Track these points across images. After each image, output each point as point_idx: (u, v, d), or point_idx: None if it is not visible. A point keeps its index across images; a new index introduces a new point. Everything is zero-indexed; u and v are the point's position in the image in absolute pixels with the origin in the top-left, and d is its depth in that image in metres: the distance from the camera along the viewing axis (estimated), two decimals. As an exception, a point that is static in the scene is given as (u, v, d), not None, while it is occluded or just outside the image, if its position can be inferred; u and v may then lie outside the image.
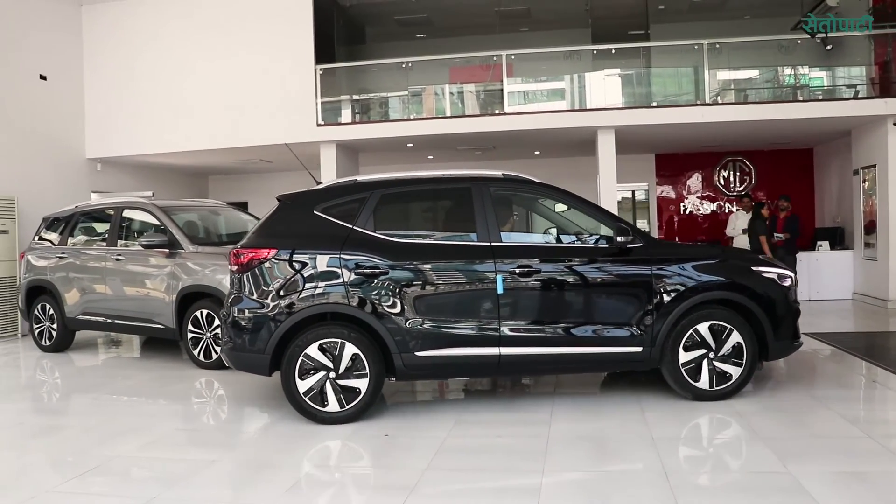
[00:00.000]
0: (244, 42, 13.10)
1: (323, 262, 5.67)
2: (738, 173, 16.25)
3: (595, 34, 14.37)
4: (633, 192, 17.44)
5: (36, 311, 9.90)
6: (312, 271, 5.66)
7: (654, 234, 16.48)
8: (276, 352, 5.61)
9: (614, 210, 12.51)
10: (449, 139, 13.22)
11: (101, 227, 9.70)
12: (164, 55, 13.51)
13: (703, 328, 5.84)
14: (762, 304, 5.93)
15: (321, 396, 5.55)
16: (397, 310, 5.61)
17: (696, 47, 12.44)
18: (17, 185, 11.91)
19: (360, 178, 6.27)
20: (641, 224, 17.44)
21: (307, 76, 12.83)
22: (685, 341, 5.83)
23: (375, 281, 5.63)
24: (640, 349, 5.79)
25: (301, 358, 5.53)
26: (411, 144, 13.73)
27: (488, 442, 5.15)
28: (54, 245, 9.87)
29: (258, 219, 10.22)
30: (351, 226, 5.80)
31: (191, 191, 17.25)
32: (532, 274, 5.73)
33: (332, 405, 5.56)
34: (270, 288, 5.68)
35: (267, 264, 5.72)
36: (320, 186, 6.23)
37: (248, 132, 13.05)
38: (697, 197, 16.50)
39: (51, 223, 10.18)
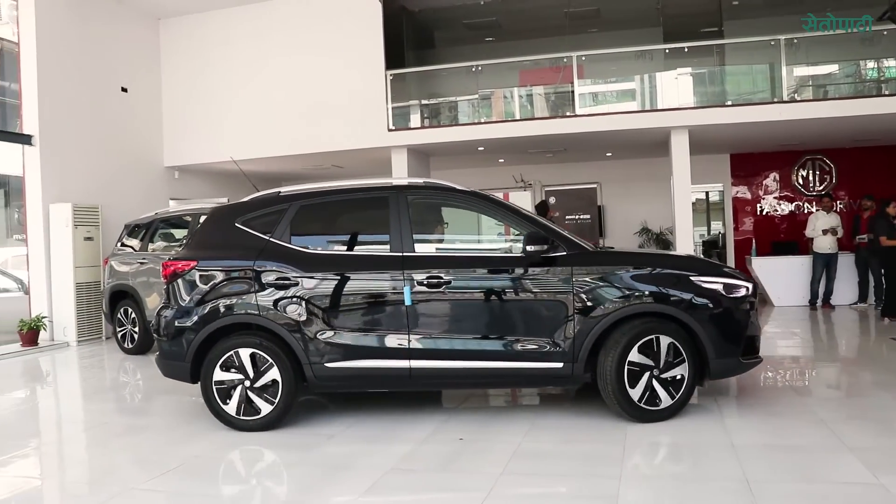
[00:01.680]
0: (315, 50, 13.30)
1: (238, 273, 5.77)
2: (817, 172, 15.76)
3: (667, 33, 14.12)
4: (707, 193, 17.10)
5: (119, 315, 10.23)
6: (228, 282, 5.76)
7: (730, 234, 16.13)
8: (195, 360, 5.71)
9: (688, 212, 12.29)
10: (519, 142, 13.17)
11: (179, 233, 9.97)
12: (236, 65, 13.82)
13: (644, 342, 5.41)
14: (699, 317, 5.44)
15: (245, 406, 5.65)
16: (308, 320, 5.60)
17: (772, 43, 12.11)
18: (101, 194, 12.34)
19: (284, 189, 6.21)
20: (716, 226, 17.10)
21: (378, 82, 12.95)
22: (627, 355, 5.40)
23: (286, 291, 5.65)
24: (560, 365, 5.44)
25: (216, 367, 5.65)
26: (482, 148, 13.73)
27: (564, 447, 5.10)
28: (135, 251, 10.20)
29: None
30: (268, 237, 5.85)
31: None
32: (441, 285, 5.53)
33: (244, 413, 5.64)
34: (191, 299, 5.80)
35: (188, 276, 5.84)
36: (244, 199, 6.25)
37: (320, 138, 13.24)
38: (775, 197, 16.05)
39: (132, 230, 10.52)
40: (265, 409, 5.64)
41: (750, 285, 5.73)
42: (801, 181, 15.87)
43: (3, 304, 12.17)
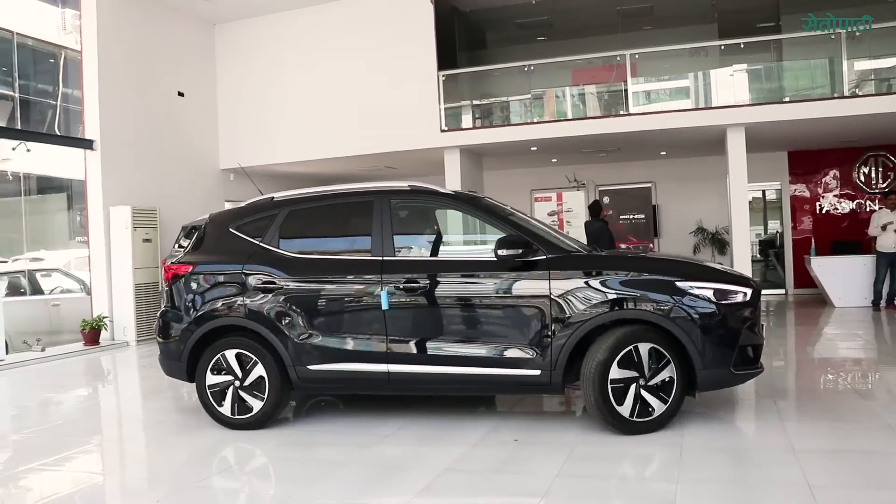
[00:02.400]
0: (368, 52, 13.40)
1: (229, 277, 5.98)
2: (880, 169, 15.31)
3: (722, 29, 13.88)
4: (764, 191, 16.76)
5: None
6: (220, 286, 5.99)
7: (787, 234, 15.79)
8: (190, 360, 5.93)
9: (745, 211, 12.06)
10: (572, 142, 13.08)
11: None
12: (290, 68, 13.99)
13: (629, 350, 5.18)
14: (683, 324, 5.13)
15: (237, 405, 5.83)
16: (291, 323, 5.72)
17: (832, 37, 11.82)
18: (159, 197, 12.60)
19: (277, 195, 6.34)
20: (773, 225, 16.76)
21: (430, 83, 12.98)
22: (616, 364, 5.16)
23: (272, 295, 5.77)
24: (538, 372, 5.29)
25: (208, 367, 5.87)
26: (535, 148, 13.67)
27: (620, 449, 5.03)
28: (193, 252, 10.37)
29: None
30: (258, 242, 6.01)
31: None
32: (418, 289, 5.51)
33: (238, 412, 5.82)
34: (187, 301, 6.04)
35: (185, 279, 6.09)
36: (240, 205, 6.51)
37: (373, 140, 13.33)
38: (835, 195, 15.66)
39: (188, 231, 10.65)
40: (256, 406, 5.79)
41: (749, 291, 5.36)
42: (862, 178, 15.45)
43: (67, 305, 12.50)
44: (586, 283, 5.25)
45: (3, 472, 5.35)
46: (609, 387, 5.15)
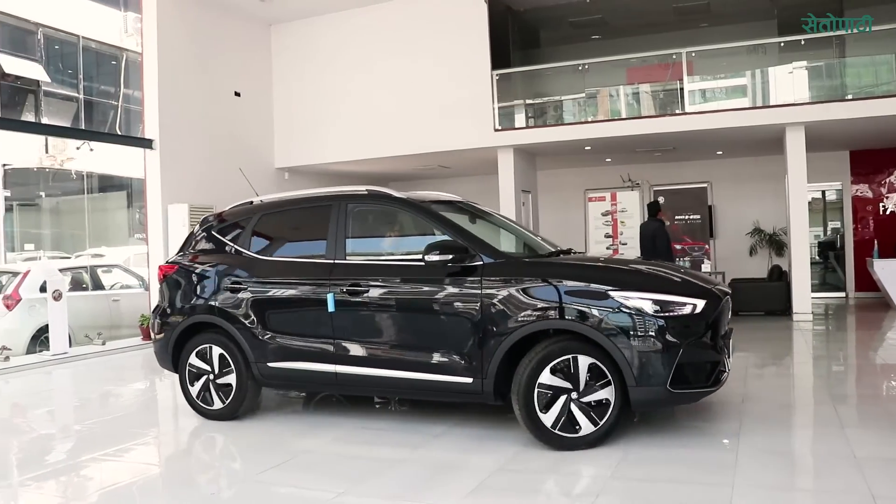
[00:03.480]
0: (422, 51, 13.44)
1: (206, 277, 6.36)
2: (947, 169, 14.85)
3: (781, 25, 13.59)
4: (824, 192, 16.38)
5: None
6: (198, 286, 6.38)
7: (849, 236, 15.40)
8: (174, 353, 6.40)
9: (804, 212, 11.79)
10: (626, 141, 12.95)
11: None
12: (345, 68, 14.10)
13: (558, 363, 4.97)
14: (614, 336, 4.85)
15: (209, 396, 6.24)
16: (254, 322, 6.00)
17: (899, 32, 11.47)
18: (215, 195, 12.80)
19: (257, 199, 6.70)
20: (834, 225, 16.37)
21: (484, 82, 12.98)
22: (541, 378, 4.98)
23: (238, 295, 6.10)
24: (470, 380, 5.21)
25: (188, 361, 6.29)
26: (589, 147, 13.57)
27: (673, 452, 4.97)
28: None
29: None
30: (233, 244, 6.40)
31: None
32: (360, 293, 5.62)
33: (216, 404, 6.19)
34: (173, 298, 6.49)
35: (171, 278, 6.55)
36: (226, 210, 6.82)
37: (427, 139, 13.38)
38: (899, 196, 15.22)
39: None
40: (224, 399, 6.18)
41: (698, 303, 4.99)
42: (928, 179, 14.99)
43: (126, 300, 12.78)
44: (518, 290, 5.12)
45: (66, 461, 5.54)
46: (535, 391, 4.97)
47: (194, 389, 6.30)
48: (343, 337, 5.69)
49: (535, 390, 4.97)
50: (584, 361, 4.94)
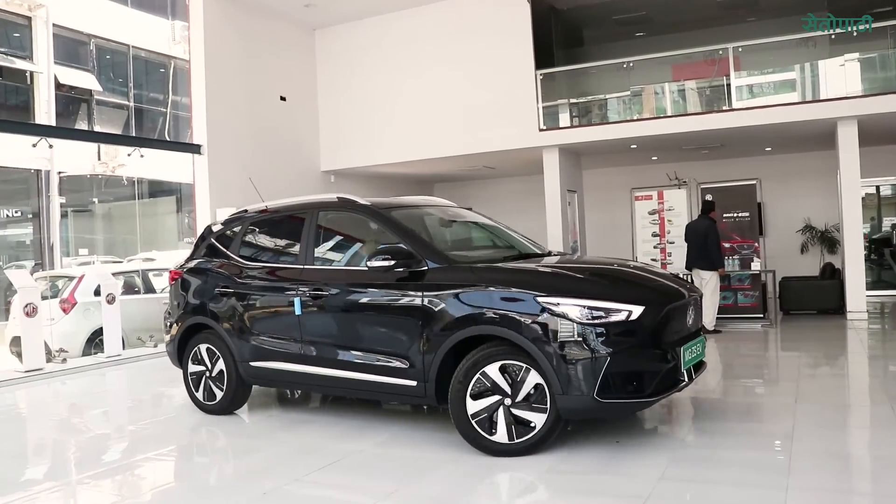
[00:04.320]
0: (465, 53, 13.46)
1: (202, 282, 6.82)
2: None
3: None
4: (878, 187, 15.99)
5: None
6: (196, 289, 6.85)
7: None
8: (179, 351, 6.93)
9: (857, 208, 11.52)
10: (673, 139, 12.80)
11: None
12: (389, 71, 14.19)
13: (493, 369, 4.91)
14: (541, 343, 4.75)
15: (207, 392, 6.72)
16: (237, 324, 6.42)
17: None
18: (264, 197, 12.95)
19: (251, 207, 7.06)
20: (890, 221, 15.99)
21: (528, 82, 12.95)
22: (473, 385, 4.94)
23: (226, 298, 6.54)
24: (414, 383, 5.30)
25: (189, 357, 6.80)
26: (635, 146, 13.46)
27: (726, 453, 4.90)
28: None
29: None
30: (226, 251, 6.82)
31: (416, 199, 17.89)
32: (321, 297, 5.88)
33: (207, 398, 6.70)
34: (178, 301, 7.03)
35: (178, 282, 7.06)
36: (225, 218, 7.24)
37: (471, 140, 13.40)
38: (958, 191, 14.80)
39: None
40: (219, 395, 6.61)
41: (634, 310, 4.78)
42: None
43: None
44: (456, 295, 5.14)
45: (121, 460, 5.66)
46: (467, 397, 4.97)
47: (196, 385, 6.80)
48: (308, 339, 5.99)
49: (467, 396, 4.97)
50: (515, 368, 4.90)
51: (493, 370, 4.91)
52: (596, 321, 4.73)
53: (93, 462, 5.62)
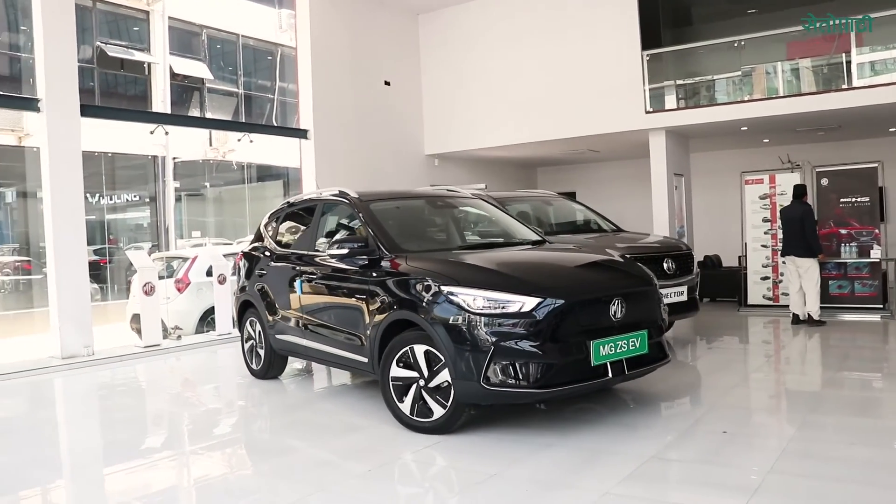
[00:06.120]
0: (570, 34, 13.25)
1: (250, 264, 7.80)
2: None
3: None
4: None
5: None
6: (247, 271, 7.85)
7: None
8: (239, 319, 8.05)
9: None
10: (786, 120, 12.27)
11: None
12: (492, 54, 14.12)
13: (420, 350, 5.25)
14: (440, 330, 5.04)
15: (256, 359, 7.74)
16: (268, 301, 7.32)
17: None
18: (367, 182, 13.15)
19: (293, 198, 7.92)
20: None
21: (634, 63, 12.64)
22: (401, 357, 5.38)
23: (260, 279, 7.48)
24: (366, 360, 5.82)
25: (246, 324, 7.85)
26: (745, 128, 12.98)
27: (841, 450, 4.68)
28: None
29: (588, 208, 10.31)
30: (269, 237, 7.68)
31: (521, 182, 17.88)
32: (312, 280, 6.60)
33: (255, 364, 7.74)
34: (239, 280, 8.08)
35: (239, 264, 8.12)
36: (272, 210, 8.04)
37: (576, 122, 13.20)
38: None
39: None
40: (257, 363, 7.67)
41: (530, 301, 4.91)
42: None
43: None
44: (393, 283, 5.57)
45: (231, 434, 5.84)
46: (391, 384, 5.44)
47: (249, 356, 7.85)
48: (306, 316, 6.70)
49: (394, 363, 5.41)
50: (419, 349, 5.25)
51: (419, 350, 5.25)
52: (489, 311, 4.95)
53: (205, 434, 5.85)
